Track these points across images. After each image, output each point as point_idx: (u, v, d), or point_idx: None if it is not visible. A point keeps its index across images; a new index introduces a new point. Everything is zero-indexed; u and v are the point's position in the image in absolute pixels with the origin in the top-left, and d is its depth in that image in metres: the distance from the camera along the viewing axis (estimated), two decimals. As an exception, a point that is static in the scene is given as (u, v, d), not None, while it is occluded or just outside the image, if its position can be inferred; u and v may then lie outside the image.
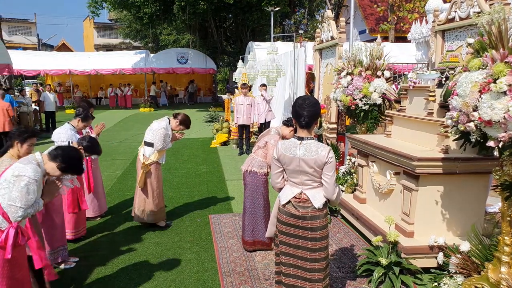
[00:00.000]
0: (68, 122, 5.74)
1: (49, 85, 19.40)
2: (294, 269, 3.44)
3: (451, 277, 4.13)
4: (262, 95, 11.92)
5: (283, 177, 3.52)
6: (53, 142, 5.47)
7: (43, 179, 3.46)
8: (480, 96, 3.19)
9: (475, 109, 3.24)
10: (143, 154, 5.86)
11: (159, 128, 5.76)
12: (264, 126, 12.29)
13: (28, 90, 25.21)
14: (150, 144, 5.84)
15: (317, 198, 3.32)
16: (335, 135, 8.40)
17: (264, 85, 11.78)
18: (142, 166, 5.79)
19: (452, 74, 4.52)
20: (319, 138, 6.47)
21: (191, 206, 7.22)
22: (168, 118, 5.92)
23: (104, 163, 10.61)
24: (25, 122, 14.93)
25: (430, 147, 4.91)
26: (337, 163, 7.80)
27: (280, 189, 3.53)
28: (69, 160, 3.41)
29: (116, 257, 5.21)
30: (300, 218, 3.34)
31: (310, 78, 16.29)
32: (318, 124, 5.21)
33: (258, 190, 5.10)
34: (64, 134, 5.49)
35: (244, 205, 5.23)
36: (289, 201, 3.39)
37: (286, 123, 4.94)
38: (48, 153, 3.40)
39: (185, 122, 5.91)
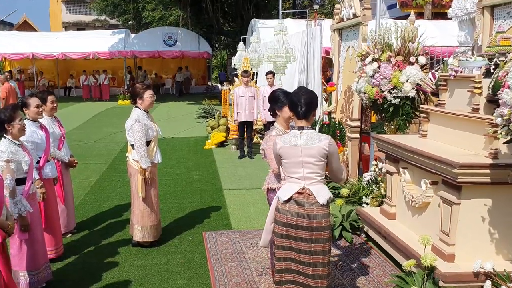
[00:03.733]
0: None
1: (9, 71, 19.47)
2: (295, 275, 3.84)
3: (500, 310, 4.12)
4: (270, 85, 11.84)
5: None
6: None
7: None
8: (537, 89, 3.19)
9: (532, 105, 3.24)
10: (133, 159, 6.01)
11: (131, 123, 5.90)
12: (271, 125, 12.09)
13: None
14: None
15: (322, 194, 3.74)
16: (358, 135, 8.44)
17: (271, 72, 11.76)
18: (140, 172, 5.92)
19: (503, 61, 4.49)
20: (321, 129, 6.20)
21: (181, 221, 7.25)
22: (135, 106, 6.04)
23: (75, 168, 10.58)
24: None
25: (475, 151, 4.90)
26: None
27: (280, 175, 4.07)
28: None
29: (90, 283, 5.22)
30: (305, 217, 3.74)
31: (327, 64, 16.24)
32: (328, 103, 5.23)
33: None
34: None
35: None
36: (291, 198, 3.78)
37: (281, 105, 4.73)
38: None
39: (136, 92, 6.00)
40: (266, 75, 11.92)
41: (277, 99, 4.76)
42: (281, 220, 3.85)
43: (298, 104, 3.81)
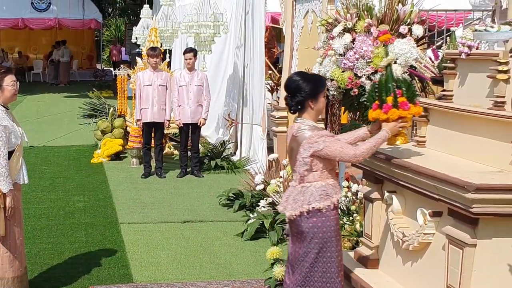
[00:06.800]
0: None
1: None
2: None
3: None
4: (189, 68, 11.96)
5: None
6: None
7: None
8: None
9: None
10: None
11: None
12: (191, 131, 12.25)
13: None
14: None
15: None
16: (286, 128, 8.84)
17: (191, 50, 11.90)
18: None
19: None
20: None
21: (58, 270, 7.33)
22: None
23: None
24: None
25: (498, 166, 4.87)
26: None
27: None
28: None
29: None
30: None
31: (275, 38, 16.37)
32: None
33: (328, 242, 5.30)
34: None
35: (296, 275, 5.42)
36: None
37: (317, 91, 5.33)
38: None
39: None
40: (184, 54, 12.04)
41: (317, 82, 5.38)
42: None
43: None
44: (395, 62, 6.22)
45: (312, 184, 5.24)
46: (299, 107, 5.23)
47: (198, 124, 12.13)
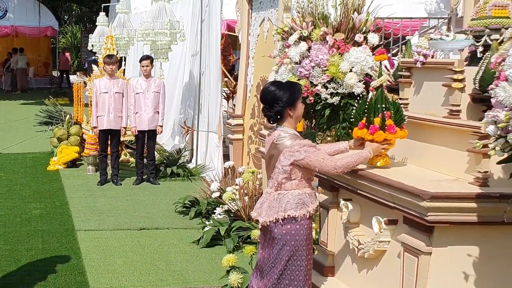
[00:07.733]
0: None
1: None
2: None
3: None
4: (146, 76, 11.92)
5: None
6: None
7: None
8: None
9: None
10: None
11: None
12: (147, 138, 12.19)
13: None
14: None
15: None
16: (241, 135, 9.01)
17: (148, 58, 11.87)
18: None
19: (496, 40, 4.57)
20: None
21: (14, 277, 7.28)
22: None
23: None
24: None
25: (454, 175, 4.89)
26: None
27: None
28: None
29: None
30: None
31: (231, 45, 16.38)
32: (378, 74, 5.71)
33: (300, 250, 5.34)
34: None
35: (265, 281, 5.48)
36: None
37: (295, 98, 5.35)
38: None
39: None
40: (140, 61, 12.00)
41: (293, 89, 5.37)
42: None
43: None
44: (351, 71, 6.26)
45: (289, 192, 5.27)
46: (279, 117, 5.25)
47: (157, 133, 12.10)
